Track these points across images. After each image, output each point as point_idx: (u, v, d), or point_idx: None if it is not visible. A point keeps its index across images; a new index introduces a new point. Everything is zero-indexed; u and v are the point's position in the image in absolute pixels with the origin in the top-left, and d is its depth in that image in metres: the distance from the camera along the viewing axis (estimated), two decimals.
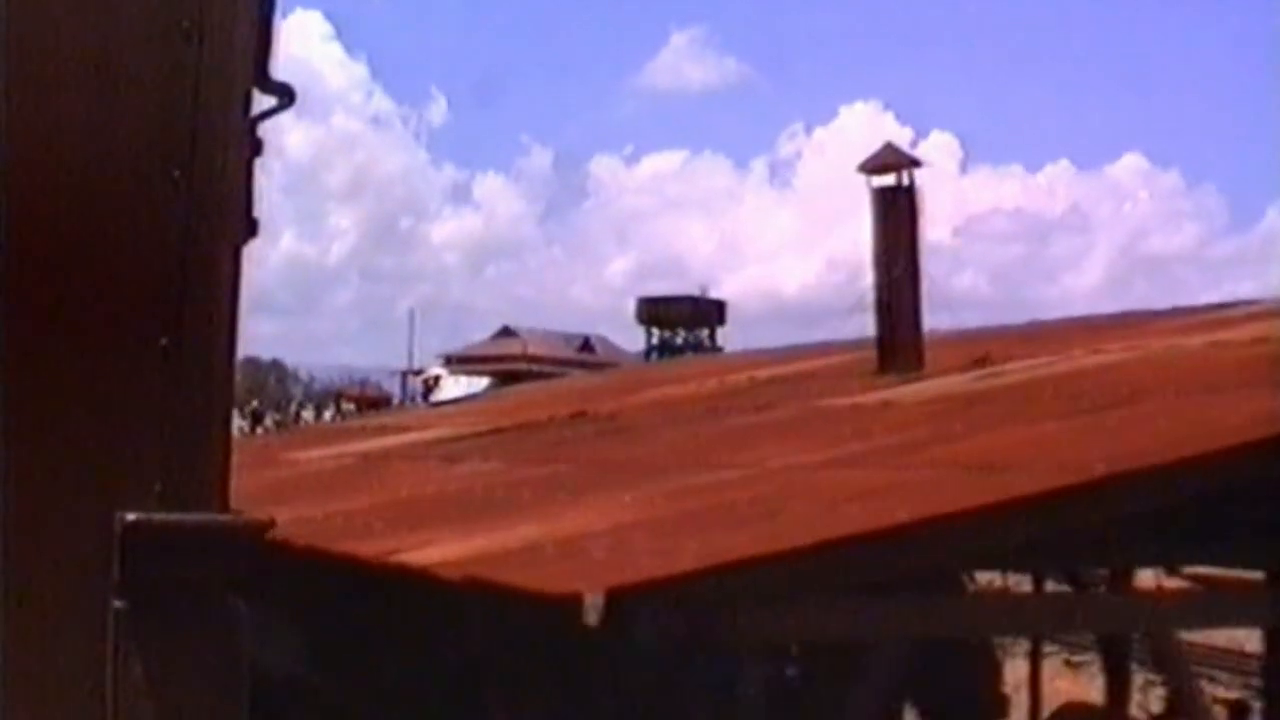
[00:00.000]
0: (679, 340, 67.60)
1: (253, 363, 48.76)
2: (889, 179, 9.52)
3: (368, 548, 5.15)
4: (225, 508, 3.18)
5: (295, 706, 6.28)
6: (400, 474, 7.91)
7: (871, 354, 11.91)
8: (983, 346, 10.13)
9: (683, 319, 66.82)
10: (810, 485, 5.20)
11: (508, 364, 52.81)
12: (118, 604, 2.94)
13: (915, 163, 9.53)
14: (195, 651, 3.05)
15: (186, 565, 3.05)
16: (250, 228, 3.45)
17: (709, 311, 67.78)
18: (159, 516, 2.99)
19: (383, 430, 12.15)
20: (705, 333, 67.83)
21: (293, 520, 6.44)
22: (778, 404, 8.50)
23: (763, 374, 11.57)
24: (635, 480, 6.02)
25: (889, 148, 9.63)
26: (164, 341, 3.05)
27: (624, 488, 5.83)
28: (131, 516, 2.95)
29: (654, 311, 66.72)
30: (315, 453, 10.54)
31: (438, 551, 4.87)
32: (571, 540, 4.65)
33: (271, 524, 3.40)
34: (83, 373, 3.01)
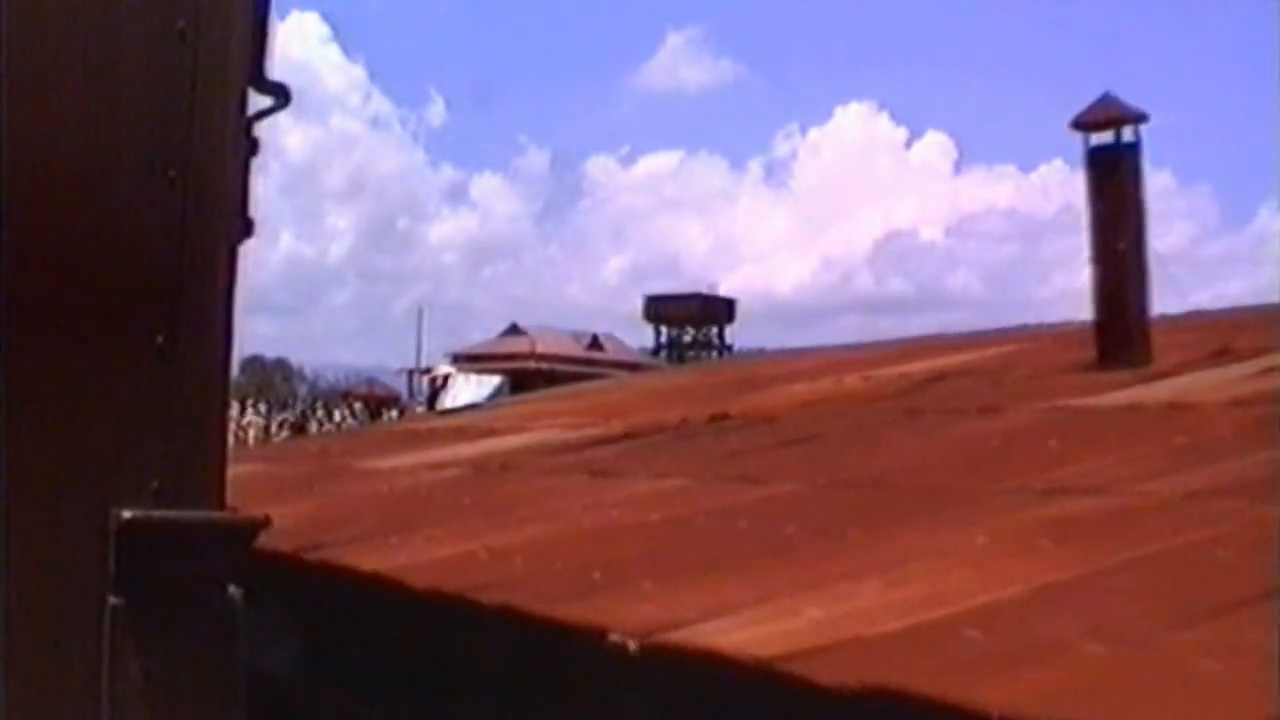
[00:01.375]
0: (687, 338, 66.08)
1: (258, 361, 46.98)
2: (1107, 136, 7.89)
3: (624, 618, 3.45)
4: (222, 505, 3.15)
5: None
6: (549, 492, 6.20)
7: (1032, 344, 10.35)
8: (1197, 335, 8.53)
9: (691, 317, 65.33)
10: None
11: (517, 362, 51.05)
12: (114, 601, 2.91)
13: (1141, 117, 7.85)
14: (192, 649, 3.00)
15: (183, 563, 3.01)
16: (246, 227, 3.39)
17: (718, 309, 66.33)
18: (156, 514, 2.96)
19: (462, 433, 10.44)
20: (714, 331, 66.32)
21: (448, 560, 4.75)
22: (1004, 406, 6.82)
23: (915, 369, 9.92)
24: (946, 509, 4.34)
25: (1107, 99, 7.94)
26: (160, 340, 3.03)
27: (940, 520, 4.16)
28: (128, 514, 2.92)
29: (662, 310, 65.21)
30: (397, 461, 8.83)
31: (748, 628, 3.18)
32: (999, 615, 2.97)
33: (267, 522, 3.26)
34: (79, 371, 2.98)
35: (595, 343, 60.81)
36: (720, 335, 65.19)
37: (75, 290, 3.00)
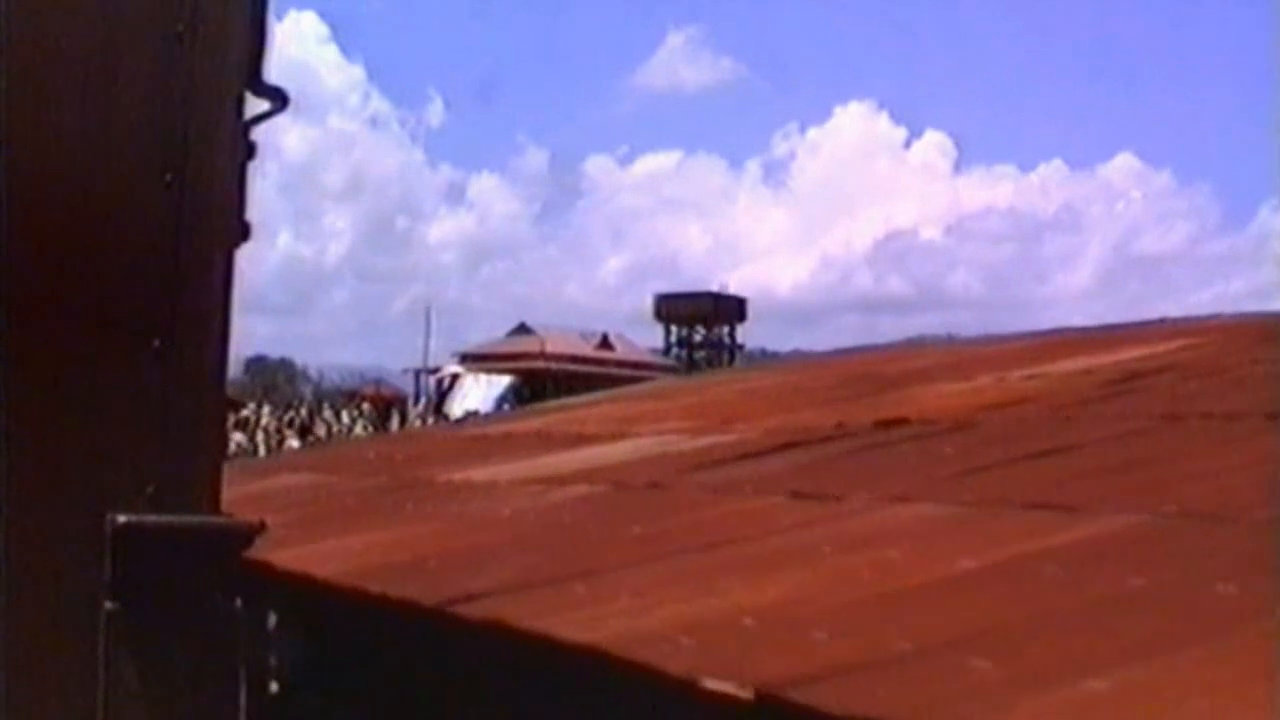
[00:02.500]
0: (698, 338, 64.83)
1: (261, 361, 45.61)
2: None
3: None
4: (217, 510, 3.17)
5: None
6: (751, 520, 4.70)
7: (1199, 339, 8.96)
8: None
9: (703, 316, 64.07)
10: None
11: (526, 362, 49.70)
12: (109, 606, 2.94)
13: None
14: (188, 654, 3.03)
15: (179, 567, 3.04)
16: (243, 231, 3.41)
17: (729, 308, 65.07)
18: (151, 518, 3.00)
19: (548, 439, 8.96)
20: (725, 330, 65.07)
21: (695, 628, 3.24)
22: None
23: (1083, 367, 8.49)
24: None
25: None
26: (156, 344, 3.06)
27: None
28: (123, 518, 2.96)
29: (673, 308, 63.96)
30: (491, 473, 7.32)
31: None
32: None
33: (263, 527, 3.22)
34: (75, 375, 3.01)
35: (605, 342, 59.37)
36: (732, 334, 63.93)
37: (71, 294, 3.01)
